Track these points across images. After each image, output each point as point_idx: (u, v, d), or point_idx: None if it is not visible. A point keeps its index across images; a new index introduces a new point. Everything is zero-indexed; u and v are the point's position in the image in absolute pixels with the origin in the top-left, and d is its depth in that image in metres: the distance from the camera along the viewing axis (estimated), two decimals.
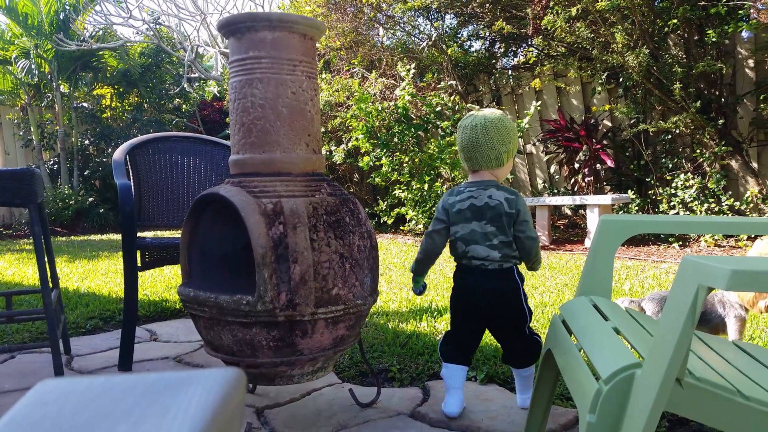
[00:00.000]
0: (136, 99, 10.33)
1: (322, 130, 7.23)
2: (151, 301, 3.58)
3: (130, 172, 2.93)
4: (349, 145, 6.79)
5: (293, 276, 1.64)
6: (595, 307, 1.49)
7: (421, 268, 1.99)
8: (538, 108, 6.40)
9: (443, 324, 2.81)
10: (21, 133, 9.73)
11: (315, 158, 1.86)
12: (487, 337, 2.42)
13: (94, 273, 4.70)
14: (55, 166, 9.89)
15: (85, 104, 10.24)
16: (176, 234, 6.02)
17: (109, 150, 10.02)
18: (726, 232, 1.55)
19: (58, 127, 9.52)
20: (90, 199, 9.16)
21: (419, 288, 2.03)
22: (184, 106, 10.77)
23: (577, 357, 1.24)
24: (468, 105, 6.10)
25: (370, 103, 6.42)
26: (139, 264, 2.55)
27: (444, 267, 4.70)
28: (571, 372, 1.27)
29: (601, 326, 1.28)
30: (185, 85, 10.02)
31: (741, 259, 0.94)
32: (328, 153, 7.06)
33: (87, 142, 10.15)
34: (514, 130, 1.89)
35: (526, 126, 6.32)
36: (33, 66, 8.70)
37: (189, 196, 3.05)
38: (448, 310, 2.34)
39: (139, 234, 2.92)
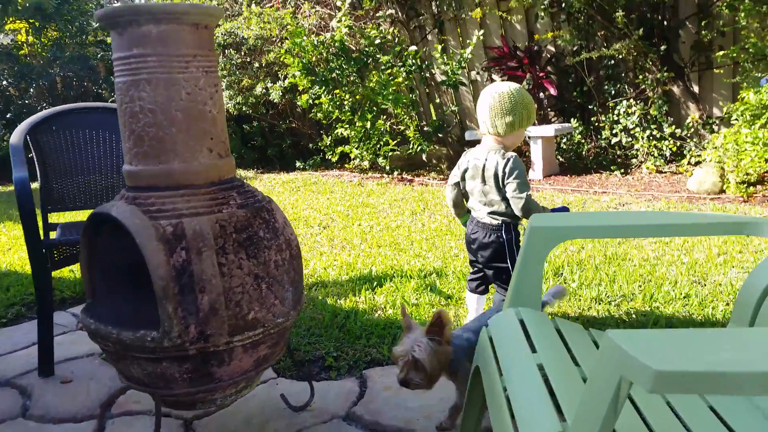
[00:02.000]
0: (55, 33, 9.52)
1: (255, 65, 6.83)
2: (77, 280, 3.38)
3: (34, 155, 2.66)
4: (286, 82, 6.45)
5: (201, 306, 1.50)
6: (523, 324, 1.41)
7: (456, 211, 2.37)
8: (481, 37, 6.15)
9: (383, 297, 2.73)
10: None
11: (221, 164, 1.68)
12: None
13: (18, 242, 4.41)
14: None
15: None
16: None
17: (32, 90, 9.32)
18: (657, 235, 1.47)
19: None
20: None
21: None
22: (108, 38, 10.00)
23: (502, 405, 1.17)
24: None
25: (305, 37, 6.05)
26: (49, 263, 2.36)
27: (384, 228, 4.59)
28: (496, 415, 1.20)
29: (526, 368, 1.20)
30: None
31: (675, 349, 0.83)
32: (264, 90, 6.70)
33: (5, 82, 9.40)
34: (525, 104, 2.09)
35: (469, 56, 6.09)
36: None
37: (106, 174, 2.81)
38: (388, 280, 2.91)
39: (50, 219, 2.69)
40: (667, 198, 4.68)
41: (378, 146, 6.32)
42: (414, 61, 6.11)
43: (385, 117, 6.52)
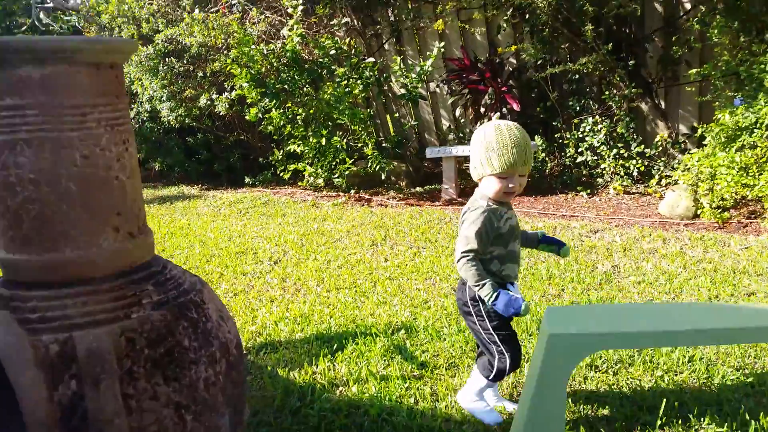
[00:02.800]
0: None
1: (199, 74, 6.31)
2: None
3: None
4: (233, 94, 5.96)
5: None
6: None
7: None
8: (442, 49, 5.82)
9: (344, 367, 2.33)
10: None
11: (133, 246, 1.25)
12: None
13: None
14: None
15: None
16: None
17: None
18: (725, 343, 1.14)
19: None
20: None
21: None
22: None
23: None
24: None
25: (254, 46, 5.58)
26: None
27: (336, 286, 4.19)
28: None
29: None
30: (41, 16, 8.55)
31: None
32: (208, 102, 6.19)
33: None
34: (489, 144, 1.80)
35: (430, 68, 5.75)
36: None
37: None
38: (350, 340, 2.61)
39: None
40: (639, 224, 4.44)
41: (333, 164, 5.91)
42: (371, 73, 5.73)
43: (341, 133, 6.11)
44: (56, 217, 1.15)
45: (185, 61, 6.29)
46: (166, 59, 6.26)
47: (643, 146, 5.36)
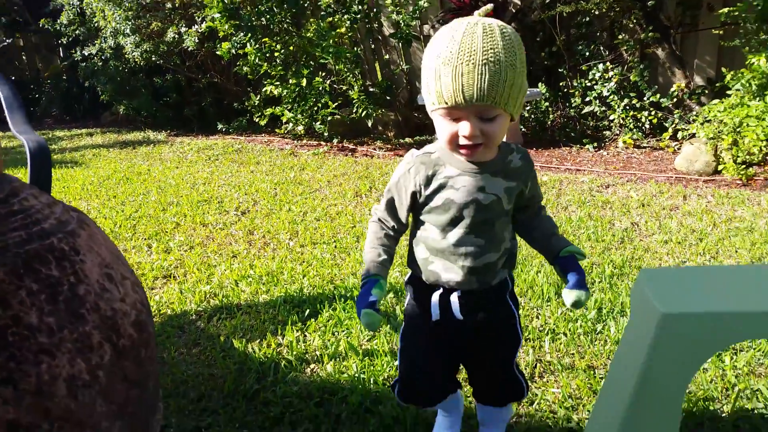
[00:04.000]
0: None
1: (168, 6, 5.65)
2: None
3: None
4: (203, 26, 5.33)
5: None
6: None
7: None
8: None
9: (318, 338, 1.85)
10: None
11: None
12: None
13: None
14: None
15: None
16: None
17: None
18: None
19: None
20: None
21: None
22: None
23: None
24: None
25: None
26: None
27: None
28: None
29: None
30: None
31: None
32: (176, 36, 5.56)
33: None
34: (434, 56, 1.12)
35: (425, 4, 5.16)
36: None
37: None
38: (326, 304, 2.13)
39: None
40: (654, 179, 3.98)
41: (315, 109, 5.34)
42: (359, 8, 5.12)
43: (324, 74, 5.53)
44: None
45: None
46: None
47: (658, 96, 4.86)
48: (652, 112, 4.88)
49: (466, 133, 1.07)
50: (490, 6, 1.14)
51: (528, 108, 5.52)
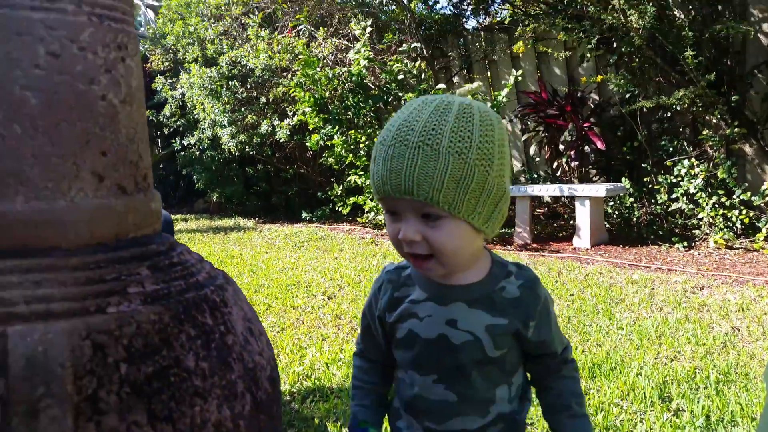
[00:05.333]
0: None
1: (262, 100, 6.08)
2: None
3: None
4: (295, 119, 5.68)
5: None
6: None
7: None
8: (519, 77, 5.40)
9: None
10: None
11: (124, 207, 0.82)
12: None
13: None
14: None
15: None
16: None
17: None
18: None
19: None
20: None
21: None
22: None
23: None
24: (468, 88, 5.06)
25: (318, 69, 5.31)
26: None
27: None
28: None
29: None
30: None
31: None
32: (270, 128, 5.93)
33: None
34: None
35: (504, 99, 5.33)
36: None
37: None
38: None
39: None
40: (752, 282, 3.78)
41: None
42: None
43: None
44: (4, 144, 0.73)
45: (248, 86, 6.09)
46: (229, 83, 6.08)
47: (749, 194, 4.70)
48: (743, 211, 4.71)
49: (400, 235, 0.82)
50: (475, 85, 0.98)
51: (612, 204, 5.45)
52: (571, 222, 5.61)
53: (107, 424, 0.67)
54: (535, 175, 6.01)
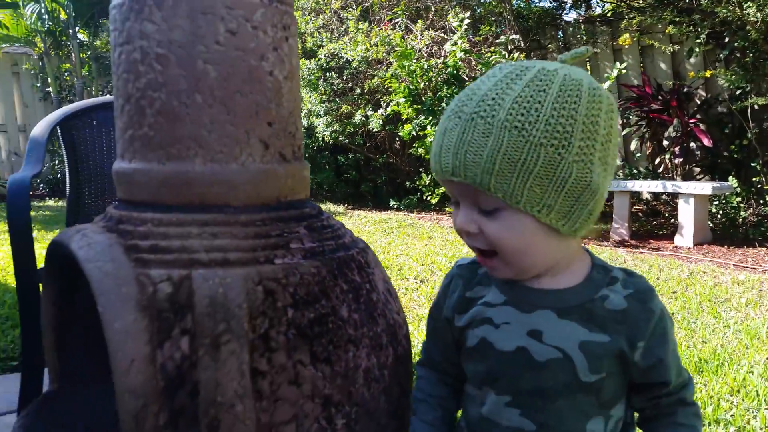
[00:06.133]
0: None
1: (357, 91, 6.22)
2: None
3: (65, 156, 2.04)
4: (388, 110, 5.77)
5: None
6: None
7: None
8: (623, 71, 5.23)
9: None
10: (39, 85, 9.03)
11: (285, 173, 0.90)
12: None
13: None
14: None
15: (106, 54, 9.42)
16: None
17: None
18: None
19: (76, 79, 8.77)
20: None
21: None
22: None
23: None
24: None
25: (414, 60, 5.37)
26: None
27: None
28: None
29: None
30: None
31: None
32: (363, 118, 6.06)
33: (109, 96, 9.40)
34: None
35: None
36: (43, 10, 7.89)
37: None
38: None
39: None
40: None
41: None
42: None
43: None
44: (187, 112, 0.83)
45: (344, 77, 6.24)
46: (327, 74, 6.25)
47: None
48: None
49: (456, 225, 0.73)
50: (582, 49, 0.75)
51: (716, 203, 5.20)
52: (672, 220, 5.41)
53: (276, 360, 0.75)
54: (635, 171, 5.82)
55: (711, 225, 5.01)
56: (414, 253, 4.20)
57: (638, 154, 5.85)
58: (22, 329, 1.59)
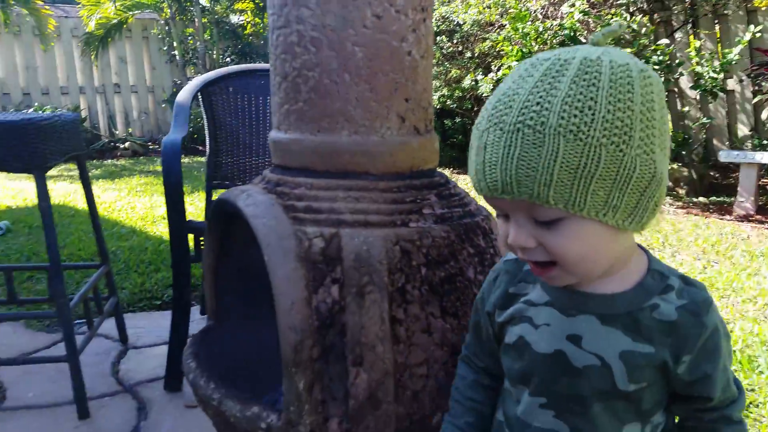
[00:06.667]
0: None
1: (467, 55, 6.17)
2: None
3: (205, 119, 2.26)
4: (499, 73, 5.70)
5: (355, 390, 0.84)
6: None
7: None
8: (758, 34, 4.84)
9: None
10: (165, 48, 9.66)
11: (418, 144, 1.00)
12: None
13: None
14: None
15: (226, 19, 9.87)
16: None
17: None
18: None
19: (198, 43, 9.30)
20: None
21: None
22: None
23: None
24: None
25: (529, 23, 5.25)
26: (192, 252, 1.91)
27: None
28: None
29: None
30: None
31: None
32: (473, 82, 6.03)
33: (228, 59, 9.89)
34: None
35: (737, 56, 4.84)
36: None
37: None
38: None
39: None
40: None
41: None
42: (662, 57, 5.00)
43: None
44: (336, 89, 0.94)
45: (455, 41, 6.21)
46: (437, 38, 6.25)
47: None
48: None
49: (510, 240, 0.66)
50: (615, 26, 0.67)
51: None
52: None
53: (411, 311, 0.86)
54: (764, 142, 5.42)
55: None
56: None
57: None
58: (174, 273, 1.81)
